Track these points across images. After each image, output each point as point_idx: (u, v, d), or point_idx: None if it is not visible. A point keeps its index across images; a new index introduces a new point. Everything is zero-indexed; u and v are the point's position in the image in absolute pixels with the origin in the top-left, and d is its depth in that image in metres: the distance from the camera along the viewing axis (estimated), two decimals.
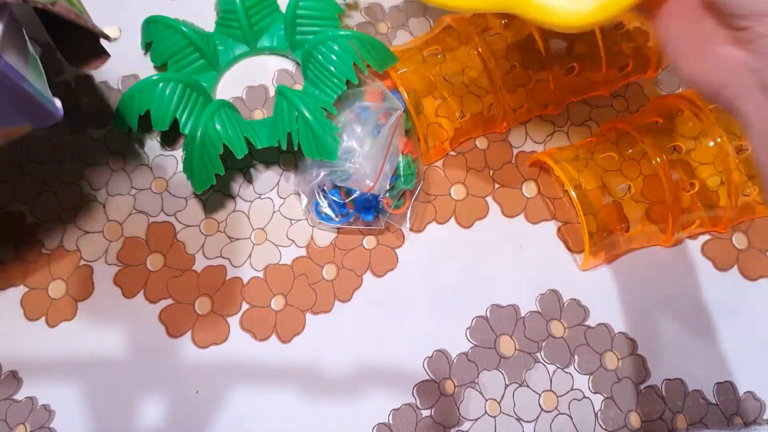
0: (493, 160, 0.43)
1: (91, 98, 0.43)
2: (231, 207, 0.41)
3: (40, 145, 0.42)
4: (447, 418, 0.36)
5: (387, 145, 0.37)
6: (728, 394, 0.38)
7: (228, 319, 0.38)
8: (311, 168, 0.38)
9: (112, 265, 0.39)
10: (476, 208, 0.42)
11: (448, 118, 0.41)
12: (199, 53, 0.42)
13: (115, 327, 0.38)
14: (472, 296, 0.39)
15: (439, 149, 0.42)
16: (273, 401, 0.36)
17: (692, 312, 0.39)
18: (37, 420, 0.36)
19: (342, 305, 0.39)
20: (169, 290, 0.39)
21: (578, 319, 0.39)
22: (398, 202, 0.39)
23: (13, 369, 0.37)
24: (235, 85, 0.44)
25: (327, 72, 0.39)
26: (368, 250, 0.40)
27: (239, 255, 0.40)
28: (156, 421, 0.36)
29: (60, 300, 0.38)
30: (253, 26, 0.43)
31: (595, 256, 0.39)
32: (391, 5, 0.47)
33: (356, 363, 0.37)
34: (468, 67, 0.41)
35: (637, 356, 0.38)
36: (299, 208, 0.41)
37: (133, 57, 0.44)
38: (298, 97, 0.37)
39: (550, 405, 0.37)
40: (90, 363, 0.37)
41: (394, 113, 0.38)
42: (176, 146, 0.42)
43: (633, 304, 0.39)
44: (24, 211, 0.40)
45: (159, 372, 0.37)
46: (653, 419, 0.37)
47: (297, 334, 0.38)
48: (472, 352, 0.38)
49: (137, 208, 0.40)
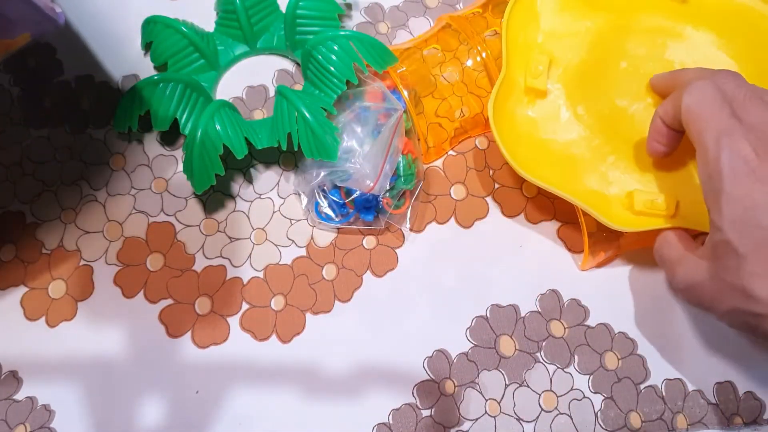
0: (493, 160, 0.43)
1: (91, 98, 0.43)
2: (231, 207, 0.41)
3: (40, 145, 0.42)
4: (447, 418, 0.36)
5: (387, 146, 0.37)
6: (728, 394, 0.38)
7: (228, 319, 0.38)
8: (311, 168, 0.38)
9: (112, 265, 0.39)
10: (476, 208, 0.42)
11: (448, 118, 0.41)
12: (199, 53, 0.42)
13: (115, 327, 0.38)
14: (472, 296, 0.39)
15: (439, 149, 0.42)
16: (273, 401, 0.36)
17: (692, 312, 0.39)
18: (37, 420, 0.36)
19: (342, 305, 0.39)
20: (169, 290, 0.39)
21: (578, 319, 0.39)
22: (398, 202, 0.39)
23: (13, 369, 0.37)
24: (235, 85, 0.44)
25: (327, 72, 0.39)
26: (368, 250, 0.40)
27: (239, 255, 0.40)
28: (156, 421, 0.36)
29: (60, 300, 0.38)
30: (253, 26, 0.43)
31: (595, 256, 0.39)
32: (391, 5, 0.47)
33: (356, 363, 0.37)
34: (468, 67, 0.41)
35: (637, 356, 0.38)
36: (299, 208, 0.41)
37: (133, 57, 0.44)
38: (298, 97, 0.37)
39: (550, 405, 0.37)
40: (90, 363, 0.37)
41: (394, 113, 0.38)
42: (176, 146, 0.42)
43: (633, 304, 0.39)
44: (24, 211, 0.40)
45: (159, 372, 0.37)
46: (653, 419, 0.37)
47: (297, 334, 0.38)
48: (472, 352, 0.38)
49: (137, 208, 0.40)
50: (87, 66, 0.44)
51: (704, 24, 0.39)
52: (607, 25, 0.40)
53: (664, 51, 0.39)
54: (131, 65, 0.44)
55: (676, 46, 0.39)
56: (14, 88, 0.43)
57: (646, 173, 0.37)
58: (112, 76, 0.44)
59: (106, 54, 0.44)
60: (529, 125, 0.38)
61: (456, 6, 0.48)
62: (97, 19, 0.46)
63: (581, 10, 0.40)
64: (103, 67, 0.44)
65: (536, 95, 0.39)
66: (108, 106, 0.43)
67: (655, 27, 0.40)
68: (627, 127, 0.38)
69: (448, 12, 0.45)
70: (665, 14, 0.40)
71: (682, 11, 0.40)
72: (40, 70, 0.44)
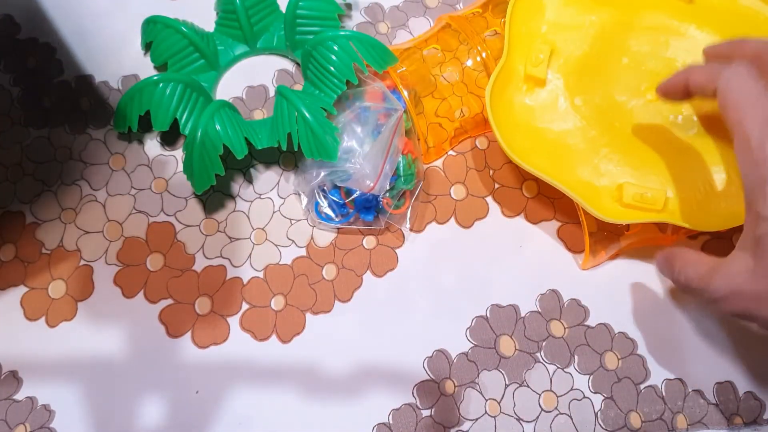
0: (493, 160, 0.43)
1: (91, 98, 0.43)
2: (231, 207, 0.41)
3: (40, 145, 0.42)
4: (447, 418, 0.36)
5: (387, 146, 0.37)
6: (728, 394, 0.38)
7: (228, 319, 0.38)
8: (311, 168, 0.38)
9: (112, 265, 0.39)
10: (476, 208, 0.42)
11: (448, 118, 0.41)
12: (199, 53, 0.42)
13: (115, 327, 0.38)
14: (472, 296, 0.39)
15: (439, 149, 0.42)
16: (273, 401, 0.36)
17: (692, 312, 0.39)
18: (37, 420, 0.36)
19: (342, 305, 0.39)
20: (169, 290, 0.39)
21: (578, 319, 0.39)
22: (398, 202, 0.39)
23: (13, 369, 0.37)
24: (235, 85, 0.44)
25: (327, 72, 0.39)
26: (368, 250, 0.40)
27: (239, 255, 0.40)
28: (156, 421, 0.36)
29: (60, 300, 0.38)
30: (253, 26, 0.43)
31: (595, 256, 0.39)
32: (391, 5, 0.47)
33: (356, 363, 0.37)
34: (468, 67, 0.41)
35: (637, 356, 0.38)
36: (299, 208, 0.41)
37: (133, 57, 0.44)
38: (298, 97, 0.37)
39: (550, 405, 0.37)
40: (90, 363, 0.37)
41: (394, 113, 0.38)
42: (176, 146, 0.42)
43: (633, 304, 0.39)
44: (24, 211, 0.40)
45: (159, 372, 0.37)
46: (653, 419, 0.37)
47: (297, 334, 0.38)
48: (472, 352, 0.38)
49: (137, 208, 0.40)
50: (87, 66, 0.44)
51: (708, 24, 0.39)
52: (611, 20, 0.40)
53: (667, 49, 0.39)
54: (131, 65, 0.44)
55: (678, 45, 0.39)
56: (14, 88, 0.43)
57: (638, 168, 0.37)
58: (112, 76, 0.44)
59: (106, 54, 0.44)
60: (525, 113, 0.38)
61: (456, 6, 0.48)
62: (97, 19, 0.46)
63: (587, 4, 0.40)
64: (103, 67, 0.44)
65: (535, 83, 0.39)
66: (108, 106, 0.43)
67: (658, 25, 0.40)
68: (624, 121, 0.38)
69: (448, 12, 0.45)
70: (669, 13, 0.40)
71: (687, 11, 0.40)
72: (40, 70, 0.44)
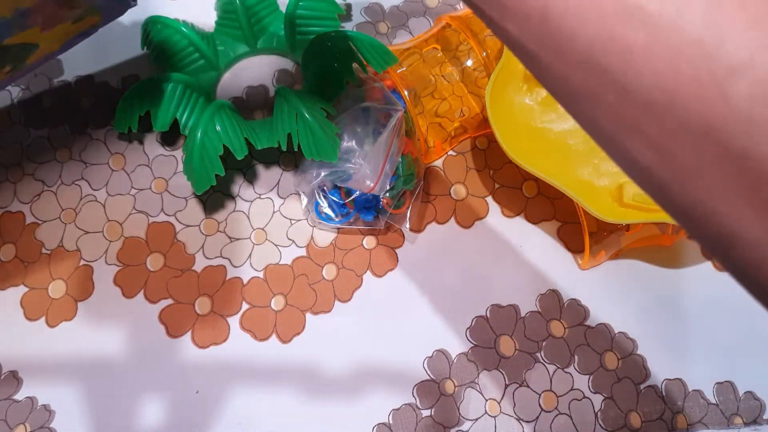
0: (493, 160, 0.43)
1: (91, 98, 0.43)
2: (231, 207, 0.41)
3: (40, 145, 0.42)
4: (447, 418, 0.36)
5: (387, 146, 0.37)
6: (728, 394, 0.38)
7: (228, 319, 0.38)
8: (311, 168, 0.38)
9: (112, 265, 0.39)
10: (476, 208, 0.42)
11: (448, 118, 0.41)
12: (199, 53, 0.42)
13: (115, 327, 0.38)
14: (472, 296, 0.39)
15: (439, 149, 0.42)
16: (273, 401, 0.36)
17: (692, 312, 0.39)
18: (37, 420, 0.36)
19: (342, 305, 0.39)
20: (169, 290, 0.39)
21: (578, 319, 0.39)
22: (398, 202, 0.39)
23: (13, 369, 0.37)
24: (235, 85, 0.44)
25: (327, 72, 0.39)
26: (368, 250, 0.40)
27: (239, 255, 0.40)
28: (156, 421, 0.36)
29: (60, 300, 0.38)
30: (253, 26, 0.43)
31: (595, 256, 0.39)
32: (391, 5, 0.47)
33: (356, 363, 0.37)
34: (468, 67, 0.41)
35: (637, 356, 0.38)
36: (299, 208, 0.41)
37: (133, 57, 0.44)
38: (298, 97, 0.37)
39: (550, 405, 0.37)
40: (90, 363, 0.37)
41: (395, 113, 0.38)
42: (176, 146, 0.42)
43: (633, 304, 0.39)
44: (24, 211, 0.40)
45: (159, 372, 0.37)
46: (653, 419, 0.37)
47: (297, 334, 0.38)
48: (472, 352, 0.38)
49: (137, 208, 0.40)
50: (87, 66, 0.44)
51: None
52: None
53: None
54: (131, 65, 0.44)
55: None
56: (14, 88, 0.43)
57: None
58: (112, 76, 0.44)
59: (106, 54, 0.44)
60: (525, 113, 0.38)
61: (456, 6, 0.48)
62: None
63: None
64: (103, 67, 0.44)
65: (535, 83, 0.39)
66: (108, 106, 0.43)
67: None
68: None
69: (448, 12, 0.45)
70: None
71: None
72: (40, 70, 0.44)
